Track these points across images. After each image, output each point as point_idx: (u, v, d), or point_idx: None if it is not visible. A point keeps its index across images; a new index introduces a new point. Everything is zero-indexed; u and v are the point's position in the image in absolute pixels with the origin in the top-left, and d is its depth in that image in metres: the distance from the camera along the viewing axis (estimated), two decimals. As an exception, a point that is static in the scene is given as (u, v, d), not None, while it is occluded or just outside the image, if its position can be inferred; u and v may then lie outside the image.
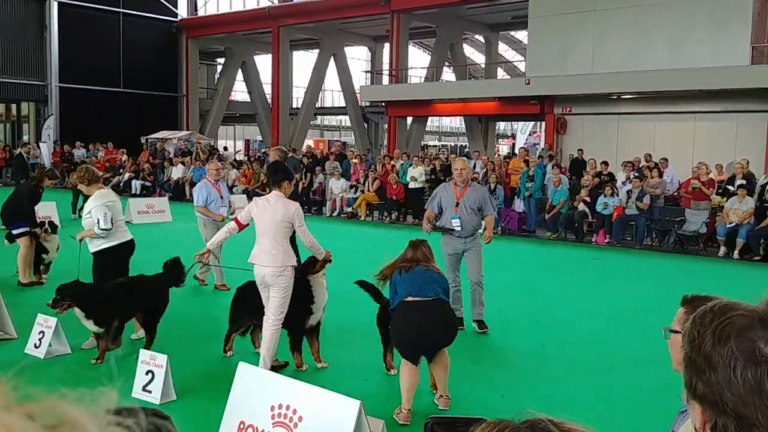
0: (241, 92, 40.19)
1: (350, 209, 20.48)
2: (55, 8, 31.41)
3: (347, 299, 9.07)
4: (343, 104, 36.71)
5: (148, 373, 5.67)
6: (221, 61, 40.55)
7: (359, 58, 41.62)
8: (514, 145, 37.71)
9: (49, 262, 10.25)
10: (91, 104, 31.83)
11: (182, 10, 36.91)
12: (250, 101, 38.65)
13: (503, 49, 39.27)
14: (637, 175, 16.88)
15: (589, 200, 16.58)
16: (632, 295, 10.61)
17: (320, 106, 40.47)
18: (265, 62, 37.09)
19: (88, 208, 7.23)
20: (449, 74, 36.74)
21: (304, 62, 40.33)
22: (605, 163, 17.93)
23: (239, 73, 38.17)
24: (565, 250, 15.52)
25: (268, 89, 36.49)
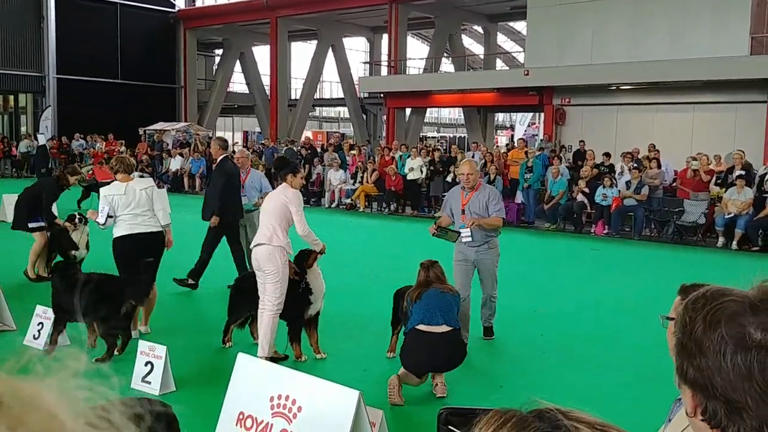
0: (239, 83, 40.07)
1: (349, 200, 20.48)
2: (52, 0, 31.28)
3: (346, 291, 9.10)
4: (341, 96, 36.63)
5: (147, 364, 5.68)
6: (219, 52, 40.43)
7: (358, 49, 41.52)
8: (512, 136, 37.67)
9: (80, 259, 9.33)
10: (88, 95, 31.71)
11: (180, 0, 36.78)
12: (248, 93, 38.56)
13: (502, 40, 39.18)
14: (635, 166, 16.87)
15: (587, 191, 16.58)
16: (631, 285, 10.63)
17: (319, 97, 40.39)
18: (263, 53, 36.98)
19: None
20: (448, 65, 36.66)
21: (302, 53, 40.22)
22: (607, 154, 17.83)
23: (237, 64, 38.06)
24: (564, 241, 15.53)
25: (266, 80, 36.39)
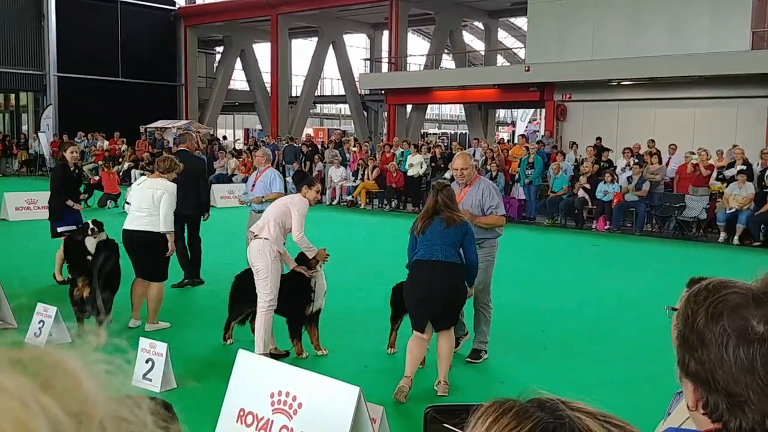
0: (240, 81, 40.03)
1: (350, 197, 20.47)
2: (52, -2, 31.28)
3: (347, 287, 9.10)
4: (342, 92, 36.59)
5: (148, 361, 5.68)
6: (220, 49, 40.38)
7: (358, 45, 41.46)
8: (513, 132, 37.62)
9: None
10: (89, 93, 31.67)
11: (180, -2, 36.78)
12: (249, 90, 38.52)
13: (503, 36, 39.10)
14: (636, 161, 16.85)
15: (589, 187, 16.56)
16: (632, 281, 10.62)
17: (319, 94, 40.35)
18: (264, 51, 36.94)
19: None
20: (449, 62, 36.60)
21: (303, 50, 40.17)
22: (607, 149, 17.83)
23: (238, 61, 38.02)
24: (565, 237, 15.51)
25: (267, 78, 36.35)
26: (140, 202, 7.45)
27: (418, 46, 39.48)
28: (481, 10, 32.53)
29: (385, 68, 30.48)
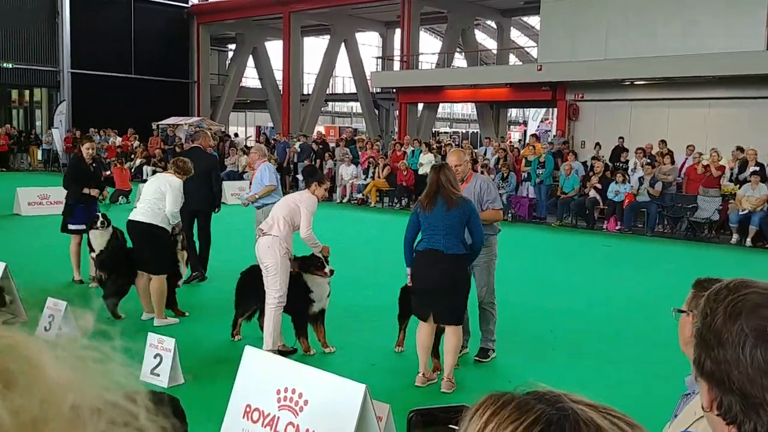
0: (252, 78, 40.09)
1: (360, 195, 20.46)
2: (67, -5, 31.46)
3: (356, 285, 9.10)
4: (354, 90, 36.59)
5: (156, 356, 5.69)
6: (232, 47, 40.46)
7: (370, 44, 41.45)
8: (525, 131, 37.49)
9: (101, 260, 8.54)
10: (102, 90, 31.84)
11: (193, -5, 36.90)
12: (261, 87, 38.57)
13: (515, 35, 38.96)
14: (648, 161, 16.74)
15: (600, 187, 16.48)
16: (642, 282, 10.55)
17: (331, 92, 40.35)
18: (275, 48, 36.99)
19: None
20: (460, 60, 36.51)
21: (314, 48, 40.18)
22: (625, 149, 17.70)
23: (250, 59, 38.08)
24: (575, 237, 15.44)
25: (278, 75, 36.40)
26: (145, 193, 7.57)
27: (430, 44, 39.43)
28: (493, 8, 32.43)
29: (396, 66, 30.46)
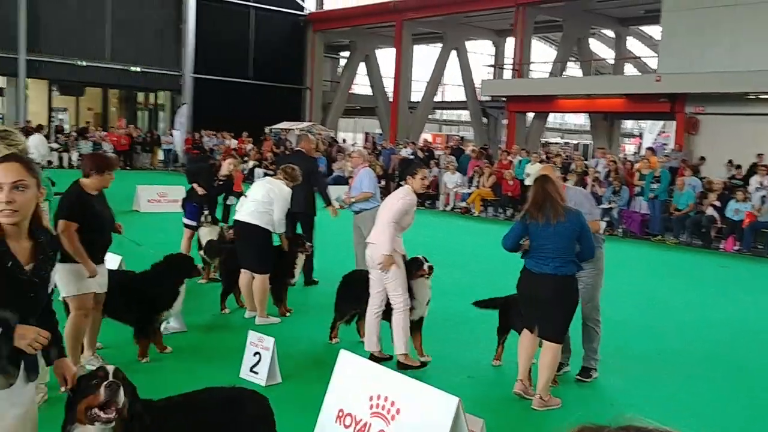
0: (362, 85, 40.71)
1: (464, 204, 20.31)
2: (192, 3, 32.97)
3: (457, 293, 8.99)
4: (462, 98, 36.45)
5: (255, 354, 5.83)
6: (344, 54, 41.22)
7: (480, 52, 41.20)
8: (640, 144, 36.19)
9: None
10: (221, 94, 33.24)
11: (310, 3, 37.82)
12: (370, 94, 39.10)
13: (632, 44, 37.72)
14: (774, 179, 15.77)
15: (718, 205, 15.66)
16: (763, 307, 9.92)
17: (439, 100, 40.33)
18: (385, 56, 37.38)
19: None
20: (574, 70, 35.70)
21: (423, 56, 40.33)
22: (738, 165, 16.76)
23: (361, 66, 38.67)
24: (690, 255, 14.74)
25: (386, 82, 36.77)
26: (254, 195, 7.76)
27: (543, 53, 38.76)
28: (611, 17, 31.55)
29: (507, 75, 30.11)
